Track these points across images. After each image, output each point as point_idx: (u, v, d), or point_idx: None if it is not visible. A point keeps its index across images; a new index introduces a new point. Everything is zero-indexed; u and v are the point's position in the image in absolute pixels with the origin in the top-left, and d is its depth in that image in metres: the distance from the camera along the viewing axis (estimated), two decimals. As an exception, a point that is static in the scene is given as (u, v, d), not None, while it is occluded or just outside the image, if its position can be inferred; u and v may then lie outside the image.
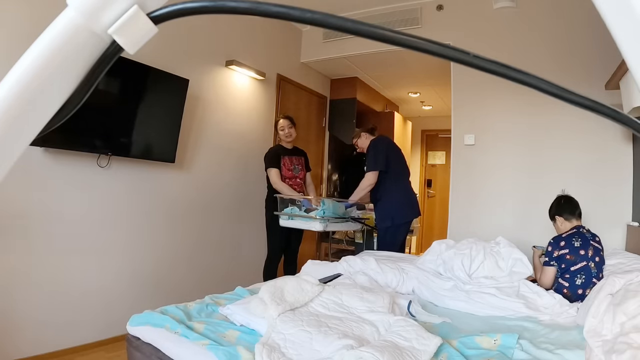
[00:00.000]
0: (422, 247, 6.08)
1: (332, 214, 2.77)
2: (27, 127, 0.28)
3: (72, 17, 0.26)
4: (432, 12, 3.47)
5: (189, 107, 2.87)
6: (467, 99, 3.30)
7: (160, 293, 2.77)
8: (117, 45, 0.27)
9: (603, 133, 2.78)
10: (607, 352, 1.20)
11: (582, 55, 2.85)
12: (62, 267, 2.26)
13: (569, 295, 1.87)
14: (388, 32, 0.25)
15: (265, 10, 0.26)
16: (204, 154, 3.13)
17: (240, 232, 3.49)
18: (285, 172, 3.06)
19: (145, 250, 2.71)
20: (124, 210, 2.57)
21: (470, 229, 3.12)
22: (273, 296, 1.48)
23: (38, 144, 2.07)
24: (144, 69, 2.46)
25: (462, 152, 3.31)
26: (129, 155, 2.50)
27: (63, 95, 0.29)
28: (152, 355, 1.33)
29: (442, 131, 6.07)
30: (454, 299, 1.87)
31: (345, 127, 4.66)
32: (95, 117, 2.26)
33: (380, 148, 2.97)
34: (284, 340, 1.27)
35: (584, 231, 2.00)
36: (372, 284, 2.00)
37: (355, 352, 1.11)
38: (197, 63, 3.02)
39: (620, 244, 2.62)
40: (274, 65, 3.81)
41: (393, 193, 2.91)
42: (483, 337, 1.36)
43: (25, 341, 2.09)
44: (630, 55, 0.25)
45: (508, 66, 0.26)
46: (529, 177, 3.04)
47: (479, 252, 2.06)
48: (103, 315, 2.44)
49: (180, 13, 0.27)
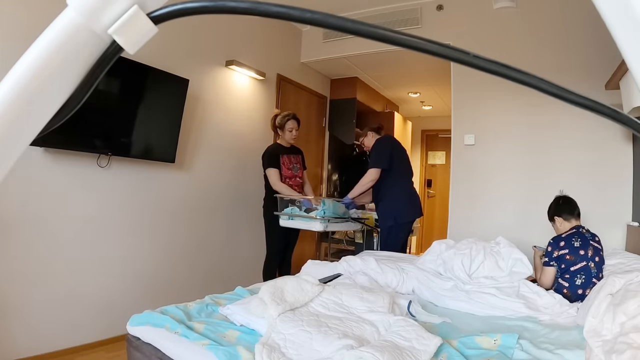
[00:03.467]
0: (422, 247, 6.08)
1: (332, 213, 2.77)
2: (27, 127, 0.28)
3: (72, 17, 0.26)
4: (432, 12, 3.47)
5: (189, 107, 2.87)
6: (467, 99, 3.31)
7: (160, 293, 2.77)
8: (117, 45, 0.27)
9: (603, 132, 2.78)
10: (607, 352, 1.20)
11: (582, 55, 2.85)
12: (62, 267, 2.26)
13: (569, 295, 1.87)
14: (388, 32, 0.25)
15: (265, 10, 0.26)
16: (204, 154, 3.13)
17: (241, 232, 3.49)
18: (285, 171, 3.05)
19: (145, 250, 2.71)
20: (123, 210, 2.57)
21: (470, 229, 3.12)
22: (273, 296, 1.48)
23: (38, 144, 2.07)
24: (144, 69, 2.46)
25: (462, 152, 3.31)
26: (129, 155, 2.50)
27: (63, 95, 0.29)
28: (152, 355, 1.33)
29: (442, 131, 6.07)
30: (454, 299, 1.87)
31: (345, 127, 4.65)
32: (95, 117, 2.26)
33: (384, 146, 2.97)
34: (284, 340, 1.27)
35: (584, 231, 2.00)
36: (372, 284, 2.00)
37: (355, 352, 1.11)
38: (197, 63, 3.02)
39: (620, 244, 2.62)
40: (274, 65, 3.81)
41: (396, 192, 2.91)
42: (483, 337, 1.36)
43: (25, 341, 2.09)
44: (630, 55, 0.25)
45: (508, 66, 0.26)
46: (529, 177, 3.04)
47: (479, 252, 2.06)
48: (103, 315, 2.44)
49: (180, 13, 0.27)
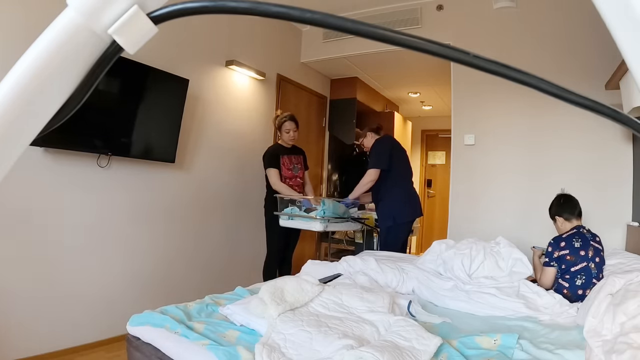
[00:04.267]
0: (422, 247, 6.08)
1: (332, 213, 2.77)
2: (27, 127, 0.28)
3: (72, 17, 0.26)
4: (432, 12, 3.47)
5: (189, 107, 2.87)
6: (467, 99, 3.30)
7: (160, 293, 2.77)
8: (117, 45, 0.27)
9: (603, 132, 2.78)
10: (607, 352, 1.20)
11: (582, 55, 2.85)
12: (62, 267, 2.25)
13: (569, 295, 1.86)
14: (388, 32, 0.25)
15: (265, 10, 0.26)
16: (204, 154, 3.13)
17: (240, 232, 3.49)
18: (285, 171, 3.05)
19: (145, 250, 2.71)
20: (123, 210, 2.57)
21: (470, 229, 3.12)
22: (273, 296, 1.48)
23: (38, 144, 2.07)
24: (144, 69, 2.46)
25: (462, 152, 3.31)
26: (129, 155, 2.50)
27: (63, 95, 0.29)
28: (152, 355, 1.33)
29: (442, 131, 6.07)
30: (454, 299, 1.87)
31: (345, 127, 4.65)
32: (95, 117, 2.26)
33: (384, 147, 2.97)
34: (284, 340, 1.27)
35: (584, 231, 1.99)
36: (372, 284, 2.00)
37: (355, 352, 1.11)
38: (197, 63, 3.02)
39: (620, 244, 2.62)
40: (274, 65, 3.81)
41: (395, 193, 2.91)
42: (483, 337, 1.36)
43: (25, 341, 2.09)
44: (630, 55, 0.25)
45: (508, 66, 0.26)
46: (529, 177, 3.04)
47: (479, 252, 2.06)
48: (103, 315, 2.44)
49: (180, 13, 0.27)
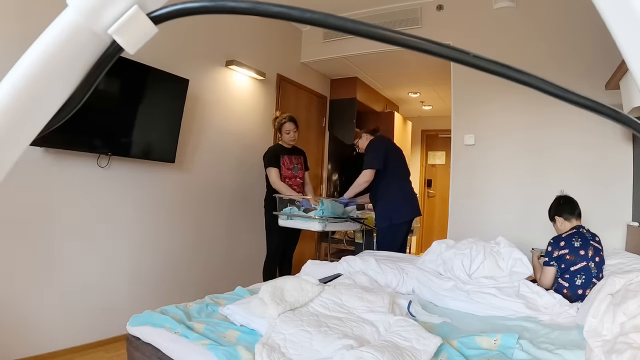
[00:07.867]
0: (422, 247, 6.08)
1: (331, 213, 2.77)
2: (27, 127, 0.28)
3: (72, 18, 0.26)
4: (432, 12, 3.47)
5: (189, 107, 2.87)
6: (467, 99, 3.30)
7: (160, 293, 2.77)
8: (117, 45, 0.27)
9: (603, 132, 2.78)
10: (607, 352, 1.20)
11: (582, 55, 2.85)
12: (62, 267, 2.25)
13: (569, 295, 1.87)
14: (388, 32, 0.25)
15: (265, 10, 0.26)
16: (203, 154, 3.13)
17: (240, 232, 3.49)
18: (285, 171, 3.05)
19: (145, 250, 2.71)
20: (123, 210, 2.57)
21: (470, 229, 3.12)
22: (273, 296, 1.48)
23: (38, 144, 2.07)
24: (144, 69, 2.46)
25: (462, 152, 3.31)
26: (129, 155, 2.50)
27: (63, 95, 0.29)
28: (152, 355, 1.33)
29: (442, 131, 6.07)
30: (454, 299, 1.87)
31: (345, 127, 4.65)
32: (95, 117, 2.26)
33: (378, 147, 2.96)
34: (284, 340, 1.27)
35: (584, 231, 2.00)
36: (372, 284, 2.00)
37: (356, 352, 1.11)
38: (197, 63, 3.02)
39: (620, 244, 2.62)
40: (274, 65, 3.81)
41: (392, 193, 2.91)
42: (483, 337, 1.36)
43: (25, 341, 2.09)
44: (630, 55, 0.25)
45: (508, 66, 0.26)
46: (529, 177, 3.04)
47: (479, 252, 2.06)
48: (103, 315, 2.44)
49: (180, 13, 0.27)
